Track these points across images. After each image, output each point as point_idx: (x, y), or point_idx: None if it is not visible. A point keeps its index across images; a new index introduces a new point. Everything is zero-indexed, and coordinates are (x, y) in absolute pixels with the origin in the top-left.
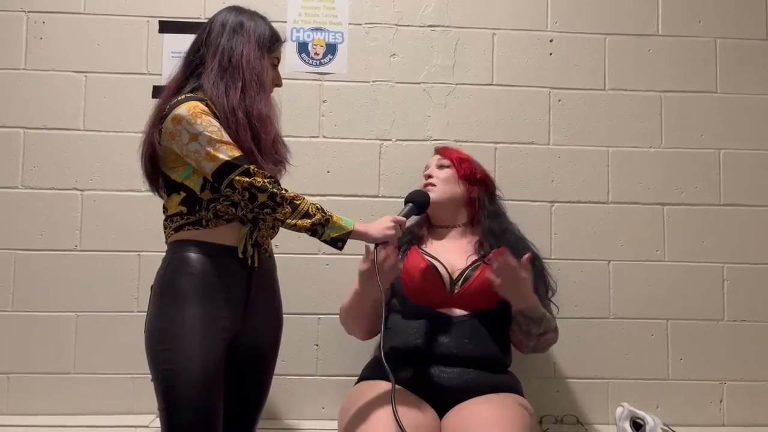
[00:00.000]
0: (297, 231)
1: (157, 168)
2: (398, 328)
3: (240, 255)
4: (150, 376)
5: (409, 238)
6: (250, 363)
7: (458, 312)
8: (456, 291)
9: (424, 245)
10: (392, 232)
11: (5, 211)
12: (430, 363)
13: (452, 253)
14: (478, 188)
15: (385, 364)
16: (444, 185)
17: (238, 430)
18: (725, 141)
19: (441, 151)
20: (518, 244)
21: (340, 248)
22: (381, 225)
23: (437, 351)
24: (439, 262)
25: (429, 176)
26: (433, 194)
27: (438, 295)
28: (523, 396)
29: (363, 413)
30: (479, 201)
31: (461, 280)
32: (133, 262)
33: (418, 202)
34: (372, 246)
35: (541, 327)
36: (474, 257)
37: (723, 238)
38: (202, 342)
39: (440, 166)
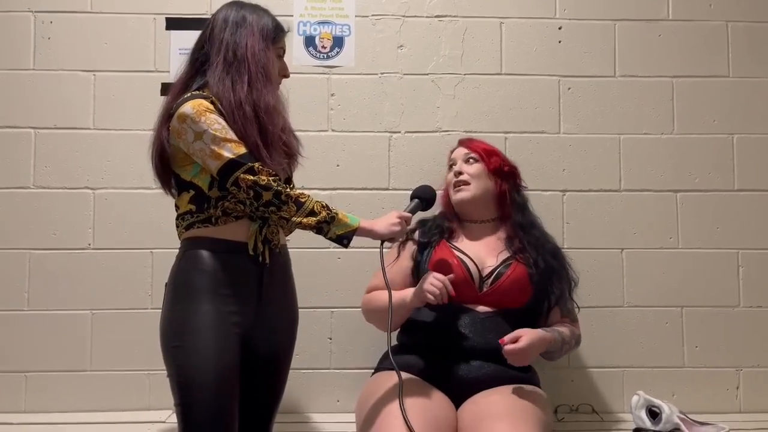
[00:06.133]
0: (302, 229)
1: (167, 167)
2: (422, 320)
3: (251, 252)
4: (165, 372)
5: (439, 231)
6: (265, 360)
7: (484, 309)
8: (485, 289)
9: (453, 240)
10: (398, 228)
11: (18, 211)
12: (450, 355)
13: (482, 249)
14: (508, 182)
15: (392, 359)
16: (476, 182)
17: (255, 427)
18: (738, 126)
19: (466, 143)
20: (542, 239)
21: (346, 245)
22: (386, 222)
23: (459, 344)
24: (469, 258)
25: (459, 173)
26: (467, 193)
27: (466, 291)
28: (539, 387)
29: (378, 405)
30: (509, 195)
31: (492, 278)
32: (146, 259)
33: (424, 198)
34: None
35: (563, 351)
36: (505, 254)
37: (737, 224)
38: (214, 338)
39: (468, 160)
